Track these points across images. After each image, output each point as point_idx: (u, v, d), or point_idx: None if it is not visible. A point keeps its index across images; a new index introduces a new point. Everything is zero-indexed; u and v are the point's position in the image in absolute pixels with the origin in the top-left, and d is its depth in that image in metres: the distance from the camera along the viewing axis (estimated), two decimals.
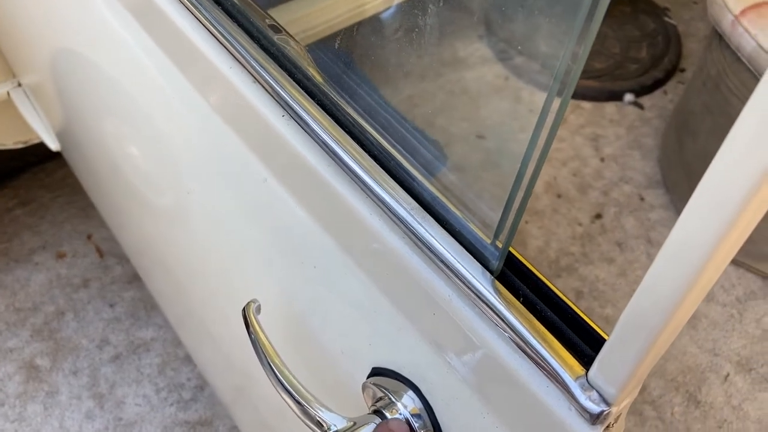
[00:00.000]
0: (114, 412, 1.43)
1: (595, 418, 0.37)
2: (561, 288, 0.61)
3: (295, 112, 0.52)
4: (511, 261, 0.43)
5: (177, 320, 1.26)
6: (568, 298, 0.41)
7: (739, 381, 1.49)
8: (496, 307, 0.41)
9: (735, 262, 1.62)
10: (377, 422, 0.46)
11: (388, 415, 0.47)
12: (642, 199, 1.79)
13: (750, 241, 1.42)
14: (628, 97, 2.05)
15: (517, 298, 0.41)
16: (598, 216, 1.76)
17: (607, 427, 0.39)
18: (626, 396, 0.38)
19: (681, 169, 1.75)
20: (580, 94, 2.03)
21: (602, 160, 1.87)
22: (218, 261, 0.74)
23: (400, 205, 0.45)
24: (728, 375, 1.50)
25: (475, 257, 0.42)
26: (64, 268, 1.64)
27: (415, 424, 0.47)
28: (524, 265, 0.42)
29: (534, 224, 1.73)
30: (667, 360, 1.52)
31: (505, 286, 0.41)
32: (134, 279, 1.62)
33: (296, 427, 0.82)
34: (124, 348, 1.52)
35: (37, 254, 1.66)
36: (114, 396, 1.45)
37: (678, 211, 1.74)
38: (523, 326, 0.40)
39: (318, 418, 0.46)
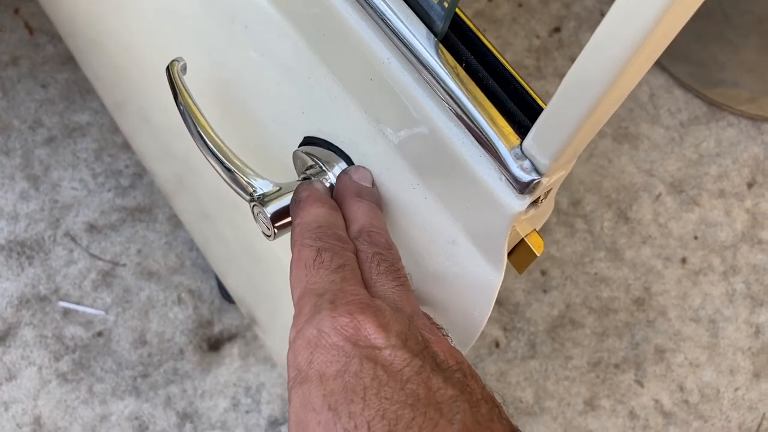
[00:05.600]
0: (50, 194, 1.41)
1: (524, 187, 0.36)
2: None
3: None
4: (457, 24, 0.39)
5: (114, 106, 1.20)
6: (515, 70, 0.39)
7: (668, 201, 1.55)
8: (436, 71, 0.38)
9: (684, 86, 1.62)
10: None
11: None
12: (603, 14, 1.74)
13: (701, 65, 1.39)
14: None
15: (460, 64, 0.38)
16: (557, 29, 1.70)
17: (536, 201, 0.39)
18: (558, 168, 0.37)
19: None
20: None
21: None
22: (145, 30, 0.68)
23: None
24: (660, 195, 1.56)
25: (419, 17, 0.39)
26: None
27: None
28: (471, 30, 0.39)
29: (491, 33, 1.67)
30: (604, 177, 1.56)
31: (449, 51, 0.39)
32: (68, 60, 1.52)
33: (236, 216, 0.81)
34: (59, 131, 1.47)
35: None
36: (49, 178, 1.42)
37: None
38: (463, 93, 0.38)
39: (245, 183, 0.45)
